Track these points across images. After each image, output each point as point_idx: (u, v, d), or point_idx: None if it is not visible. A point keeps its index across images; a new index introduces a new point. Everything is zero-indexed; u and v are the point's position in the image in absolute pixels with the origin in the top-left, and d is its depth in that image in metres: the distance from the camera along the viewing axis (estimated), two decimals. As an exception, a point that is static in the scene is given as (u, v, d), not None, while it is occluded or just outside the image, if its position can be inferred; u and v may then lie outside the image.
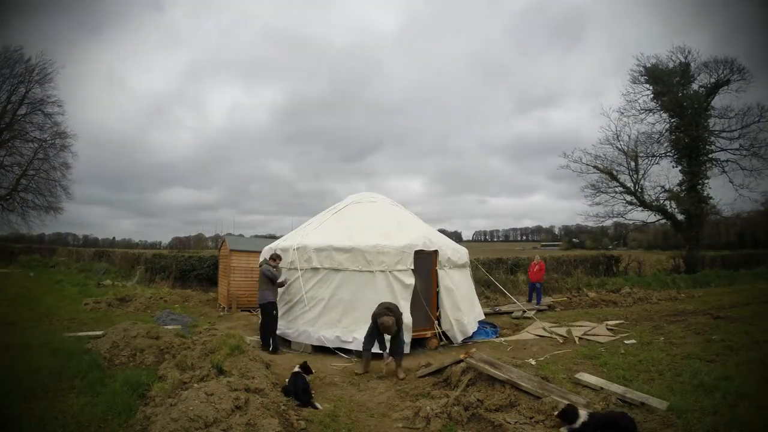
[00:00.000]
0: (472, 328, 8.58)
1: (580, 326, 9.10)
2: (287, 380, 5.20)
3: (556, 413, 3.95)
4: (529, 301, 12.97)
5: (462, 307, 8.36)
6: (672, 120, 21.72)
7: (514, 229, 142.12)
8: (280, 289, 8.30)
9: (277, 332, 8.17)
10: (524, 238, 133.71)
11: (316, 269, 7.94)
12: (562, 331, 8.70)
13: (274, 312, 7.79)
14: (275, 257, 8.20)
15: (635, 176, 22.09)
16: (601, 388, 4.93)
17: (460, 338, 8.14)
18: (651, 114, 22.25)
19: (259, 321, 8.15)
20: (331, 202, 10.16)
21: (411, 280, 7.66)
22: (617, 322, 9.62)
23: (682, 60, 21.33)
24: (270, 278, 7.79)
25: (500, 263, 17.87)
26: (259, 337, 7.95)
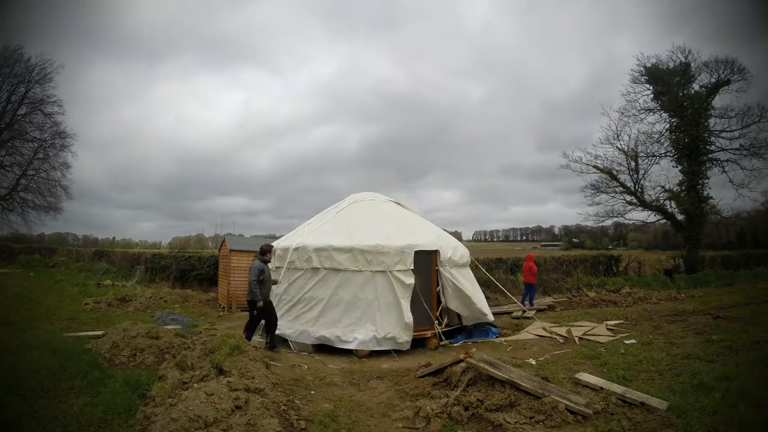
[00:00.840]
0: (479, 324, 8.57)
1: (580, 326, 9.10)
2: None
3: None
4: (524, 303, 12.25)
5: (466, 304, 8.36)
6: (672, 120, 21.71)
7: (514, 229, 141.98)
8: (279, 289, 8.29)
9: (277, 332, 8.17)
10: (524, 238, 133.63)
11: (316, 269, 7.94)
12: (562, 331, 8.70)
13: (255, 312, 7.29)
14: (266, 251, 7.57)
15: (635, 176, 22.08)
16: (601, 388, 4.93)
17: (461, 336, 8.16)
18: (651, 114, 22.23)
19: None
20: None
21: (411, 280, 7.66)
22: (617, 322, 9.62)
23: (683, 60, 21.32)
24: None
25: (500, 263, 17.87)
26: (259, 337, 7.91)
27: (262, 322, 8.85)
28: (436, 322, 8.16)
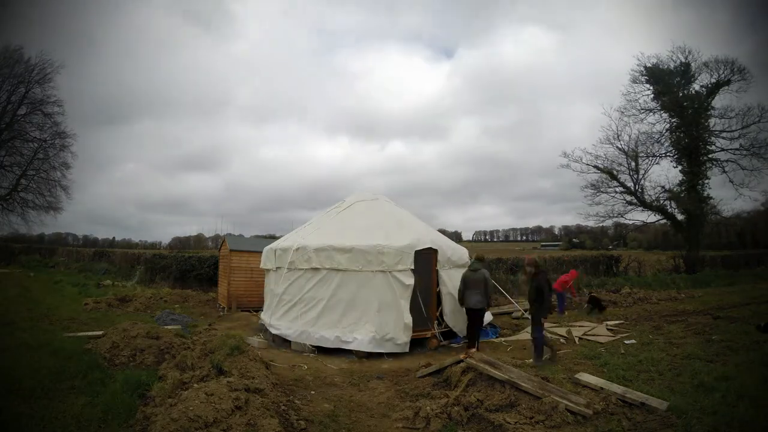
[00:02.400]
0: None
1: (580, 326, 9.10)
2: None
3: None
4: (561, 312, 11.46)
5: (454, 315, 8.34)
6: (672, 120, 21.72)
7: (514, 229, 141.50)
8: (279, 289, 8.30)
9: (277, 332, 8.18)
10: (524, 238, 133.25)
11: (316, 269, 7.94)
12: (562, 331, 8.70)
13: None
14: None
15: (635, 176, 22.09)
16: (601, 388, 4.92)
17: (460, 337, 8.14)
18: (651, 114, 22.25)
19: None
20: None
21: (410, 281, 7.65)
22: (617, 322, 9.62)
23: (683, 60, 21.33)
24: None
25: (500, 263, 17.87)
26: (260, 337, 7.94)
27: (260, 321, 8.90)
28: (436, 322, 8.15)
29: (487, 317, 9.51)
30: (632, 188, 22.05)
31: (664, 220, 22.79)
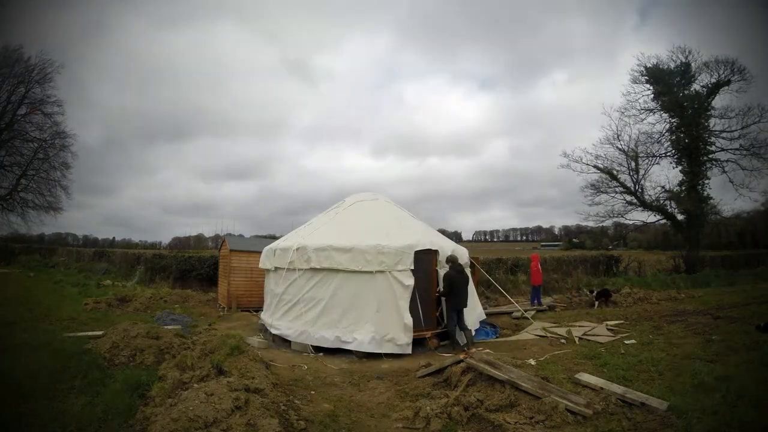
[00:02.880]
0: (473, 327, 8.56)
1: (580, 326, 9.10)
2: None
3: None
4: (532, 303, 12.49)
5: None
6: (672, 120, 21.70)
7: (514, 230, 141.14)
8: (279, 289, 8.29)
9: (277, 332, 8.19)
10: (524, 238, 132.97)
11: (315, 269, 7.94)
12: (562, 331, 8.70)
13: None
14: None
15: (635, 176, 22.08)
16: (601, 389, 4.93)
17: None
18: (651, 114, 22.22)
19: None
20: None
21: (410, 281, 7.65)
22: (617, 322, 9.61)
23: (683, 60, 21.31)
24: None
25: (500, 263, 17.88)
26: (260, 337, 7.94)
27: (260, 321, 8.89)
28: (436, 322, 8.14)
29: (481, 315, 9.56)
30: (632, 188, 22.05)
31: (664, 220, 22.77)
